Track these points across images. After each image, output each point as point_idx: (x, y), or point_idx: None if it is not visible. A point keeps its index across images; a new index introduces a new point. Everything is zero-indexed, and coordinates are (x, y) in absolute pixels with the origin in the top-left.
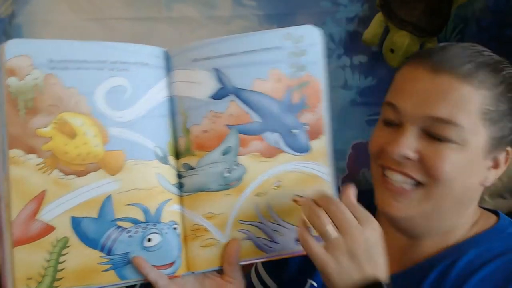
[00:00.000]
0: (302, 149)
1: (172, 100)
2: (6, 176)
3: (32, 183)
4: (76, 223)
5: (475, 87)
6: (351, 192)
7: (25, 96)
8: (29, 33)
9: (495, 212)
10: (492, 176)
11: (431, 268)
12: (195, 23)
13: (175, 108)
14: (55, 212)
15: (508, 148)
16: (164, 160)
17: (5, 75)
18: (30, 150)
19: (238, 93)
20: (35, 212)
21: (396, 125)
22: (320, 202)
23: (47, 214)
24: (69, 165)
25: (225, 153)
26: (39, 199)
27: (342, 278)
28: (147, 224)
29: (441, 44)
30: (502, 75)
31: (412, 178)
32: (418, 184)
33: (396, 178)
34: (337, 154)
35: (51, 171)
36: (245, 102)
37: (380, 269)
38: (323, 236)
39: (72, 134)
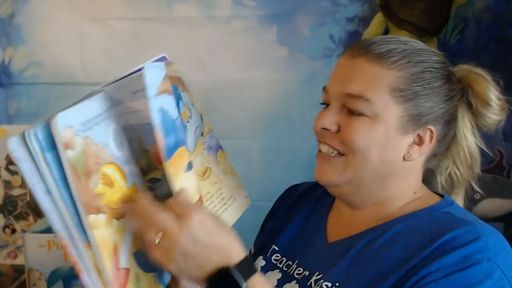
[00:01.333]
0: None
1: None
2: (86, 244)
3: (107, 239)
4: (137, 257)
5: (385, 67)
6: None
7: (80, 163)
8: (29, 33)
9: (442, 195)
10: (416, 153)
11: (361, 238)
12: (195, 23)
13: (128, 136)
14: (125, 256)
15: (431, 127)
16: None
17: (63, 150)
18: (98, 210)
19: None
20: (117, 263)
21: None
22: (137, 214)
23: (122, 261)
24: (117, 211)
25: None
26: (116, 251)
27: (190, 275)
28: None
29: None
30: (419, 59)
31: (333, 148)
32: (341, 154)
33: (323, 148)
34: None
35: (111, 222)
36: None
37: (229, 252)
38: (149, 245)
39: (111, 183)
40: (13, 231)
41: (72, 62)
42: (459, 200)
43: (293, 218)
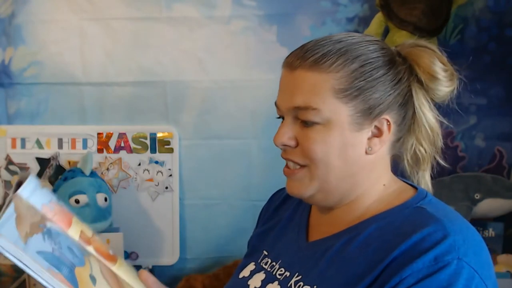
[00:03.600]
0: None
1: None
2: None
3: None
4: None
5: (324, 72)
6: None
7: None
8: (29, 33)
9: (416, 187)
10: (378, 145)
11: (338, 238)
12: (195, 23)
13: None
14: None
15: (386, 116)
16: None
17: None
18: None
19: None
20: None
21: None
22: None
23: None
24: None
25: None
26: None
27: None
28: None
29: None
30: (355, 55)
31: (296, 162)
32: (303, 166)
33: (289, 164)
34: None
35: None
36: None
37: None
38: None
39: None
40: None
41: (72, 62)
42: (426, 176)
43: (279, 221)
